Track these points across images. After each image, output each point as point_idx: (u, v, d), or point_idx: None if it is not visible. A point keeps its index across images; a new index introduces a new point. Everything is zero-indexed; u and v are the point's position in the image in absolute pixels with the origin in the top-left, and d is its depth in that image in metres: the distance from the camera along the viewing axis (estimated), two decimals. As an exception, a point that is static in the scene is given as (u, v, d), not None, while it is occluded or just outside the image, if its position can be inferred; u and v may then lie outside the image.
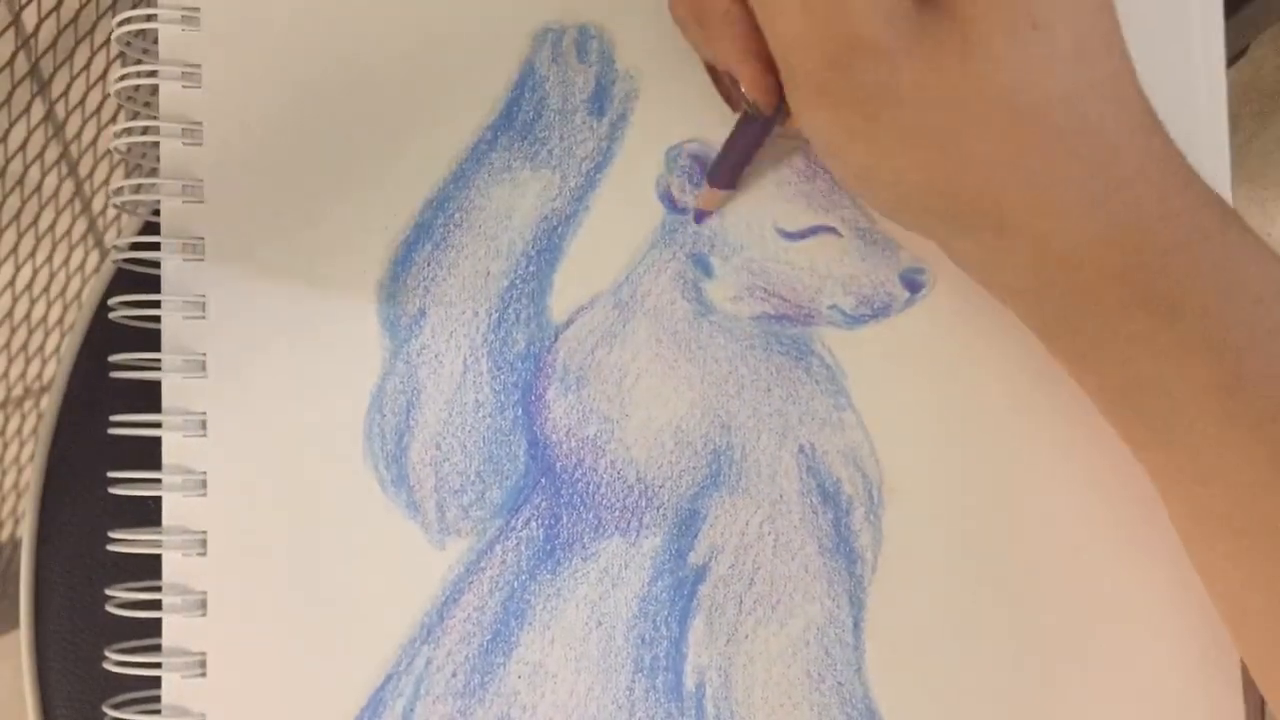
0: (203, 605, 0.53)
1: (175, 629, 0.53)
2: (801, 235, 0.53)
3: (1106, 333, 0.45)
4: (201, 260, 0.54)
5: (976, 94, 0.42)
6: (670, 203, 0.53)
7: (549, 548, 0.53)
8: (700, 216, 0.53)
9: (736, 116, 0.50)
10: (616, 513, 0.53)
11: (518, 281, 0.53)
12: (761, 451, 0.53)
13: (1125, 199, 0.43)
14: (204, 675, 0.53)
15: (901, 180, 0.45)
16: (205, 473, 0.53)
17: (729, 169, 0.52)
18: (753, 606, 0.52)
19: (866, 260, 0.53)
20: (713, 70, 0.51)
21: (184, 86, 0.54)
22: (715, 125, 0.53)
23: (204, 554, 0.53)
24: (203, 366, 0.53)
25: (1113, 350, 0.46)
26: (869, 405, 0.53)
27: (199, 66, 0.54)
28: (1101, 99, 0.43)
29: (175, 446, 0.53)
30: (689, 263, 0.53)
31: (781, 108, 0.47)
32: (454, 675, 0.52)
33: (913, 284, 0.53)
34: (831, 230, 0.53)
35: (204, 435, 0.53)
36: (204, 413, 0.53)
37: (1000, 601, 0.52)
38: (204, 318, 0.53)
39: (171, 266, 0.54)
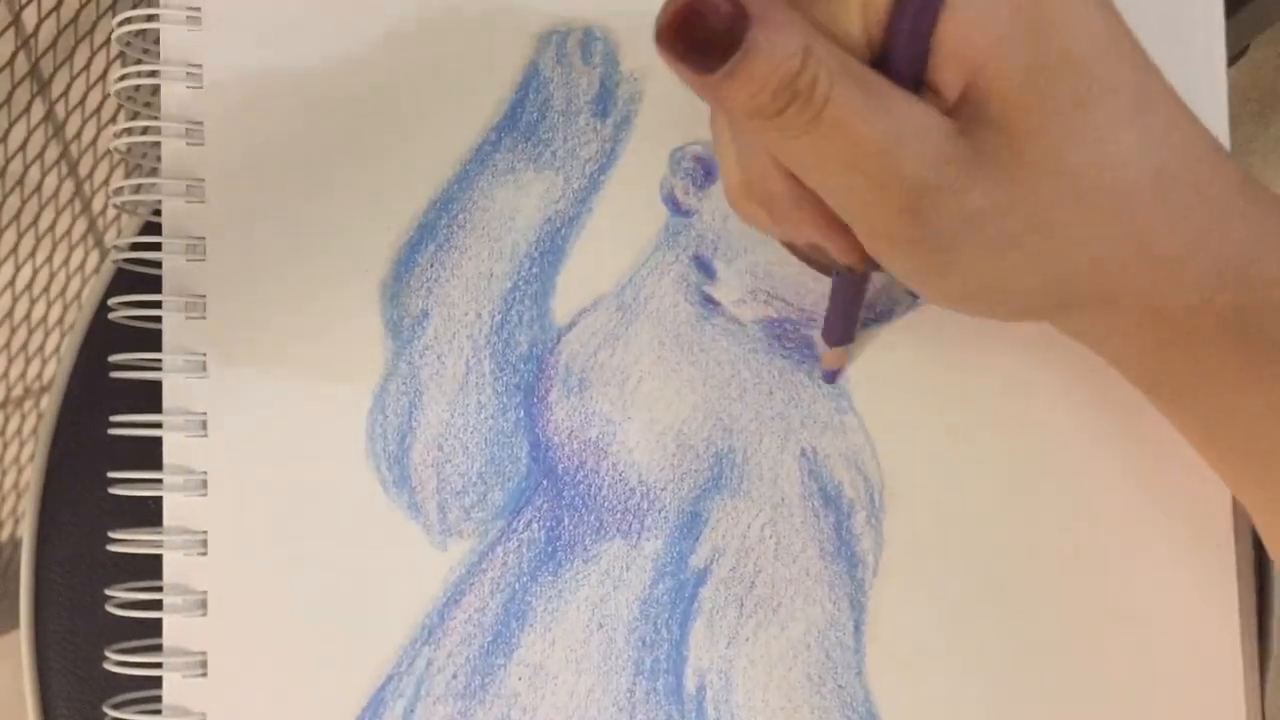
0: (203, 605, 0.53)
1: (176, 629, 0.53)
2: (805, 238, 0.53)
3: (1221, 377, 0.45)
4: (203, 260, 0.54)
5: (1047, 189, 0.41)
6: (674, 205, 0.53)
7: (550, 549, 0.53)
8: (831, 377, 0.53)
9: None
10: (618, 515, 0.53)
11: (521, 283, 0.53)
12: (763, 455, 0.53)
13: (1225, 239, 0.42)
14: (204, 675, 0.53)
15: (1002, 289, 0.44)
16: (206, 473, 0.53)
17: (842, 325, 0.51)
18: (754, 609, 0.52)
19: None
20: (789, 245, 0.49)
21: (186, 86, 0.54)
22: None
23: (205, 554, 0.53)
24: (203, 367, 0.53)
25: (1225, 394, 0.45)
26: (871, 409, 0.53)
27: (201, 66, 0.54)
28: (1171, 146, 0.42)
29: (176, 447, 0.53)
30: (692, 266, 0.53)
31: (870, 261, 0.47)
32: (454, 676, 0.52)
33: (915, 288, 0.53)
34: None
35: (205, 435, 0.53)
36: (205, 413, 0.53)
37: (1001, 605, 0.52)
38: (204, 318, 0.53)
39: (172, 266, 0.54)
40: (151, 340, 0.54)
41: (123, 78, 0.54)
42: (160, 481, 0.53)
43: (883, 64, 0.41)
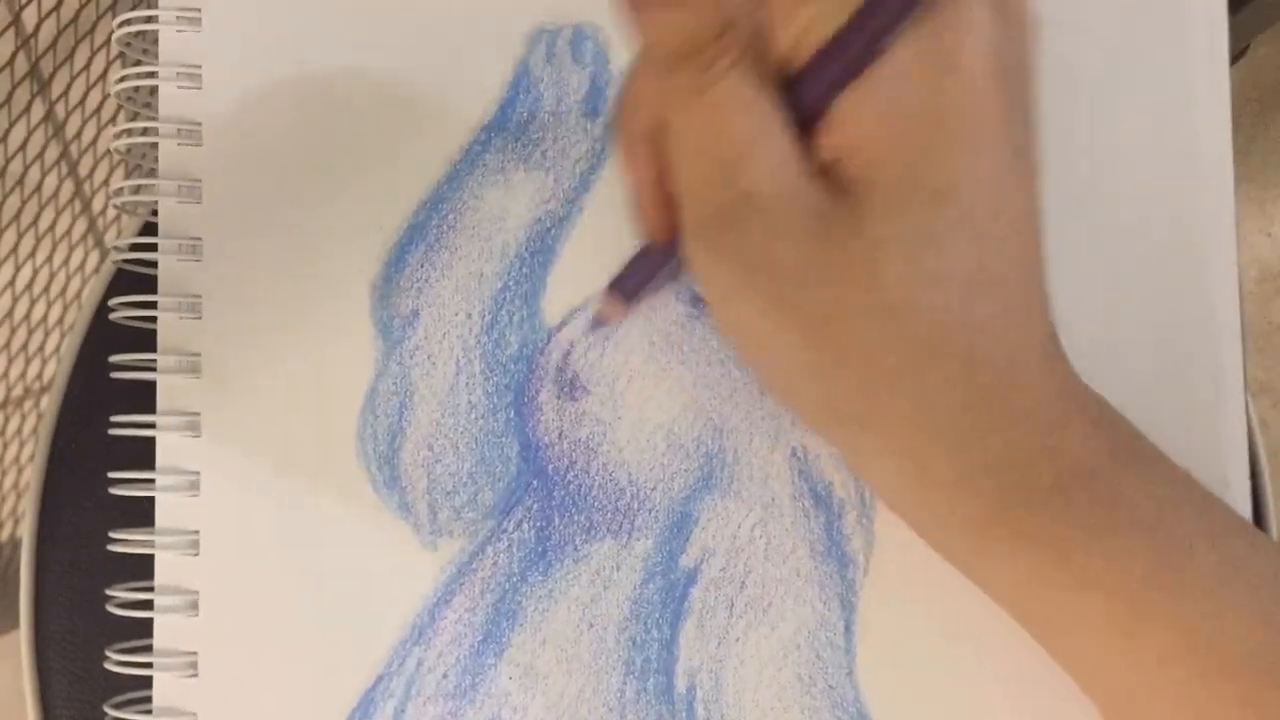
0: (195, 605, 0.53)
1: (167, 629, 0.53)
2: (795, 238, 0.53)
3: (1004, 567, 0.45)
4: (198, 261, 0.54)
5: (859, 290, 0.40)
6: (664, 205, 0.53)
7: (541, 549, 0.53)
8: (598, 325, 0.53)
9: None
10: (608, 515, 0.53)
11: (511, 283, 0.53)
12: (754, 454, 0.53)
13: (1010, 436, 0.42)
14: (195, 675, 0.53)
15: (773, 353, 0.44)
16: (198, 473, 0.53)
17: (633, 285, 0.51)
18: (744, 609, 0.52)
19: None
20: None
21: (183, 87, 0.54)
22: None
23: (196, 554, 0.53)
24: (197, 367, 0.53)
25: (1014, 584, 0.45)
26: (862, 409, 0.53)
27: (199, 68, 0.54)
28: (1000, 330, 0.41)
29: (169, 447, 0.53)
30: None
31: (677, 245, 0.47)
32: (445, 676, 0.52)
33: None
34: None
35: (197, 435, 0.53)
36: (198, 413, 0.53)
37: (992, 605, 0.52)
38: (200, 318, 0.54)
39: (168, 267, 0.54)
40: (152, 340, 0.54)
41: (123, 78, 0.54)
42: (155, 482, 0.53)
43: (787, 91, 0.41)
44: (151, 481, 0.53)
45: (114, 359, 0.53)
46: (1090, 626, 0.43)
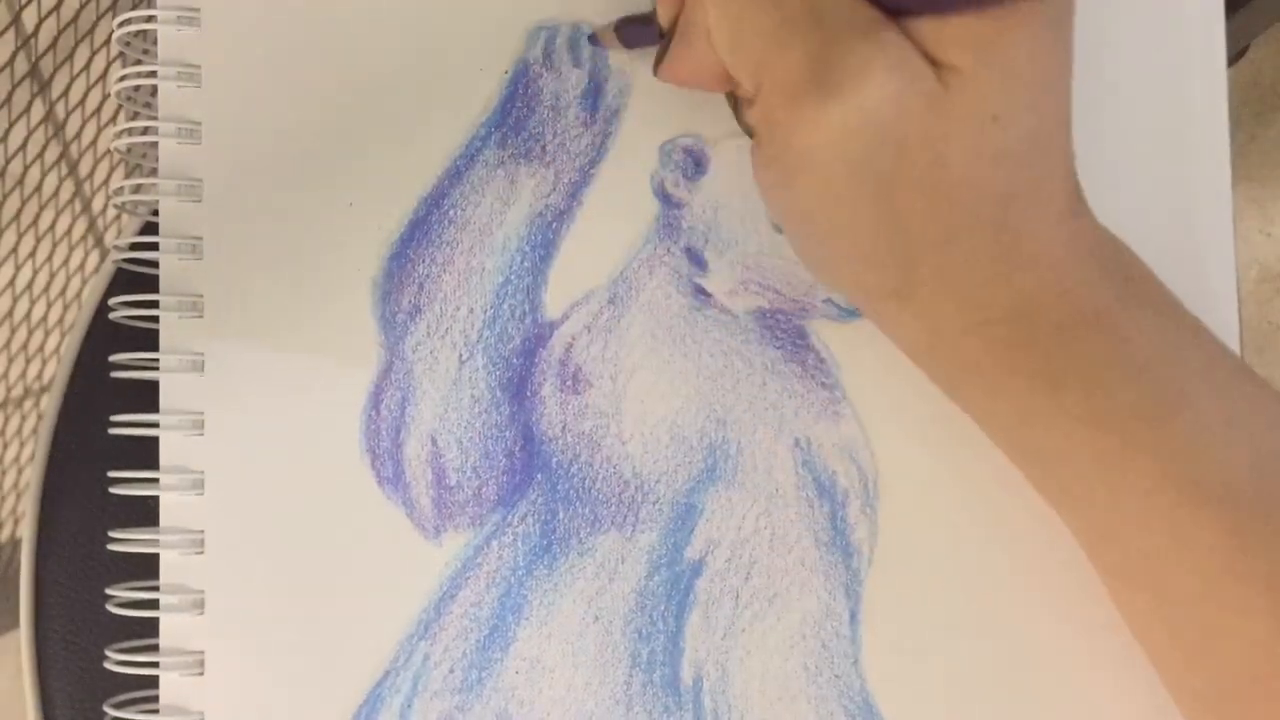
0: (200, 604, 0.53)
1: (173, 628, 0.53)
2: (796, 229, 0.53)
3: (999, 404, 0.46)
4: (199, 260, 0.54)
5: (923, 168, 0.41)
6: (664, 198, 0.53)
7: (545, 543, 0.53)
8: (594, 39, 0.54)
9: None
10: (612, 508, 0.53)
11: (512, 278, 0.53)
12: (757, 445, 0.53)
13: (1021, 283, 0.43)
14: (201, 674, 0.53)
15: (825, 230, 0.44)
16: (202, 472, 0.53)
17: (632, 38, 0.53)
18: (749, 600, 0.52)
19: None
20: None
21: (182, 86, 0.54)
22: (708, 121, 0.53)
23: (201, 553, 0.53)
24: (200, 366, 0.53)
25: (1007, 420, 0.46)
26: (864, 398, 0.53)
27: (198, 66, 0.54)
28: (1030, 198, 0.43)
29: (172, 446, 0.53)
30: (683, 257, 0.53)
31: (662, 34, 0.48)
32: (451, 671, 0.52)
33: (907, 277, 0.53)
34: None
35: (201, 434, 0.53)
36: (201, 412, 0.53)
37: (997, 592, 0.52)
38: (201, 317, 0.54)
39: (169, 266, 0.54)
40: (152, 340, 0.54)
41: (123, 78, 0.54)
42: (159, 481, 0.53)
43: None
44: (153, 481, 0.53)
45: (114, 359, 0.53)
46: (1079, 459, 0.44)
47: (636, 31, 0.52)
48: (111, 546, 0.53)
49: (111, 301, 0.54)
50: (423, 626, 0.53)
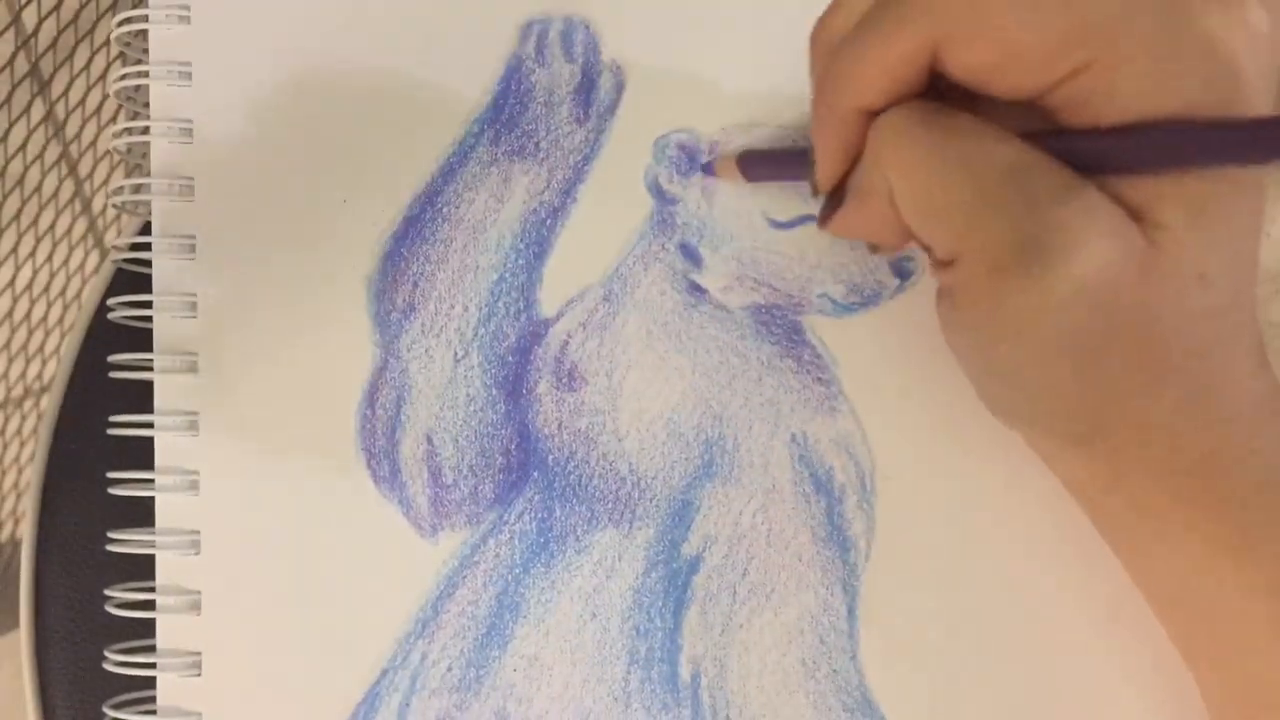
0: (197, 605, 0.53)
1: (170, 629, 0.53)
2: (791, 224, 0.53)
3: (1171, 556, 0.44)
4: (193, 259, 0.54)
5: (1134, 319, 0.40)
6: (659, 193, 0.53)
7: (542, 541, 0.53)
8: (709, 169, 0.53)
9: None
10: (609, 505, 0.53)
11: (507, 275, 0.53)
12: (754, 441, 0.53)
13: (1217, 434, 0.42)
14: (199, 675, 0.53)
15: (1024, 377, 0.43)
16: (197, 472, 0.53)
17: (761, 172, 0.52)
18: (747, 596, 0.52)
19: (856, 248, 0.53)
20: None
21: (174, 85, 0.54)
22: (702, 115, 0.53)
23: (197, 553, 0.53)
24: (194, 366, 0.53)
25: (1175, 572, 0.45)
26: (860, 393, 0.53)
27: (189, 64, 0.54)
28: (1226, 354, 0.41)
29: (168, 446, 0.53)
30: (678, 253, 0.53)
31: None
32: (449, 669, 0.52)
33: (902, 271, 0.53)
34: (821, 219, 0.53)
35: (196, 434, 0.53)
36: (196, 412, 0.53)
37: (994, 586, 0.52)
38: (195, 316, 0.54)
39: (163, 265, 0.54)
40: (151, 340, 0.54)
41: (122, 78, 0.54)
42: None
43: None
44: (151, 481, 0.53)
45: (113, 359, 0.54)
46: (1250, 624, 0.43)
47: (765, 166, 0.52)
48: (114, 547, 0.53)
49: (110, 302, 0.54)
50: (420, 625, 0.52)
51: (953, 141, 0.41)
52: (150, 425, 0.53)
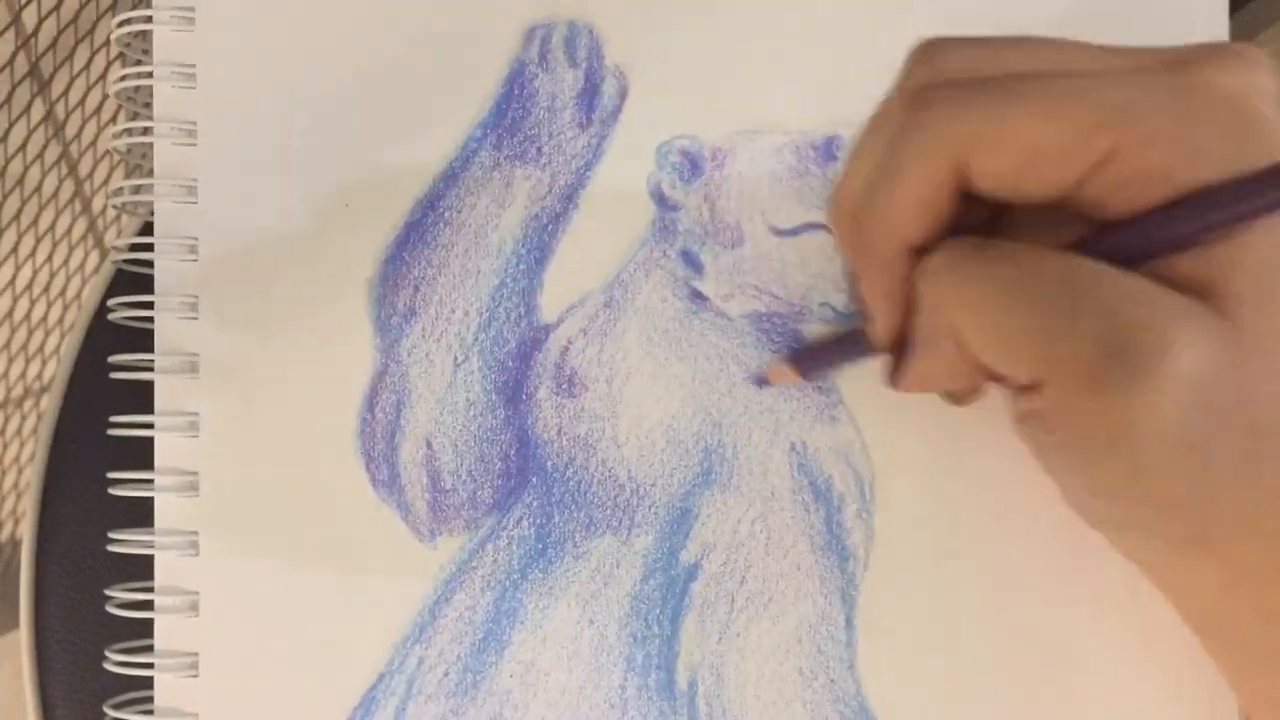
0: (195, 606, 0.53)
1: (168, 629, 0.53)
2: (793, 232, 0.53)
3: None
4: (195, 261, 0.54)
5: (1235, 402, 0.38)
6: (661, 200, 0.53)
7: (540, 546, 0.53)
8: (761, 382, 0.53)
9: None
10: (608, 511, 0.53)
11: (508, 280, 0.53)
12: (753, 449, 0.53)
13: None
14: (196, 675, 0.53)
15: (1131, 485, 0.41)
16: (197, 473, 0.53)
17: (818, 367, 0.52)
18: (745, 604, 0.52)
19: (861, 263, 0.53)
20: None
21: (178, 87, 0.54)
22: (705, 121, 0.53)
23: (196, 554, 0.53)
24: (195, 367, 0.53)
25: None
26: (860, 402, 0.53)
27: (193, 66, 0.54)
28: None
29: (168, 447, 0.53)
30: (680, 260, 0.53)
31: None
32: (446, 674, 0.52)
33: (904, 281, 0.53)
34: (823, 228, 0.53)
35: (196, 436, 0.53)
36: (196, 413, 0.53)
37: (993, 597, 0.52)
38: (196, 318, 0.54)
39: (165, 267, 0.54)
40: (151, 341, 0.54)
41: (122, 78, 0.54)
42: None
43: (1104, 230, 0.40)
44: (151, 482, 0.53)
45: (113, 359, 0.53)
46: None
47: (819, 358, 0.52)
48: (114, 548, 0.53)
49: (110, 302, 0.54)
50: (417, 630, 0.52)
51: (1008, 267, 0.40)
52: (150, 426, 0.53)
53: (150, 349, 0.54)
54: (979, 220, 0.43)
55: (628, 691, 0.52)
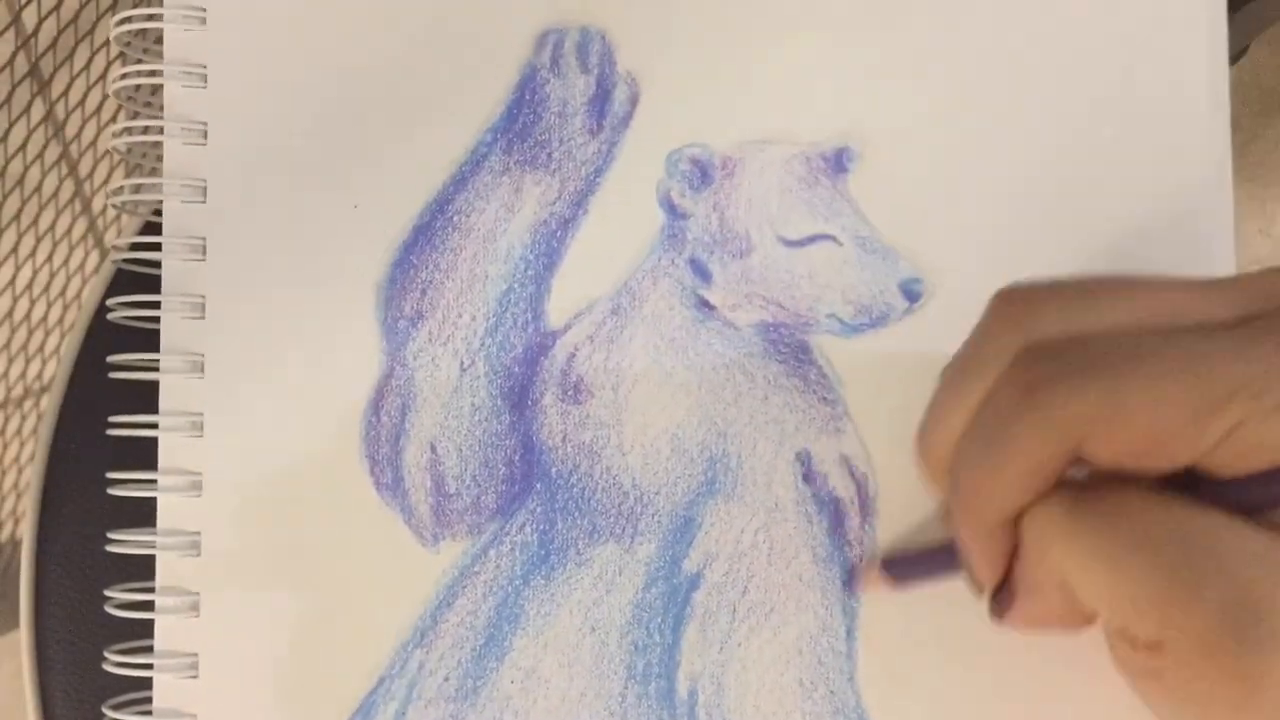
0: (196, 606, 0.53)
1: (168, 630, 0.53)
2: (801, 243, 0.53)
3: None
4: (202, 261, 0.54)
5: None
6: (670, 208, 0.53)
7: (543, 553, 0.52)
8: (851, 588, 0.52)
9: None
10: (611, 519, 0.53)
11: (515, 286, 0.53)
12: (757, 459, 0.53)
13: None
14: (196, 677, 0.53)
15: None
16: (200, 474, 0.53)
17: (910, 572, 0.51)
18: (746, 614, 0.52)
19: (866, 269, 0.53)
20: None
21: (188, 86, 0.54)
22: (716, 130, 0.53)
23: (197, 555, 0.53)
24: (200, 367, 0.53)
25: None
26: (865, 414, 0.53)
27: (204, 66, 0.54)
28: None
29: (172, 447, 0.53)
30: (688, 269, 0.53)
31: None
32: (446, 679, 0.52)
33: (911, 294, 0.53)
34: (831, 239, 0.53)
35: (200, 436, 0.53)
36: (201, 413, 0.53)
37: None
38: (203, 318, 0.53)
39: (172, 267, 0.54)
40: (151, 340, 0.54)
41: (122, 77, 0.54)
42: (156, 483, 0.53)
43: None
44: (152, 482, 0.53)
45: (113, 359, 0.53)
46: None
47: (913, 569, 0.51)
48: (113, 548, 0.53)
49: (110, 302, 0.54)
50: (419, 634, 0.52)
51: (1121, 525, 0.39)
52: (151, 425, 0.53)
53: (150, 349, 0.53)
54: None
55: (628, 700, 0.52)
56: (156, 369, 0.53)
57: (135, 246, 0.54)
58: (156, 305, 0.53)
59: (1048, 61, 0.54)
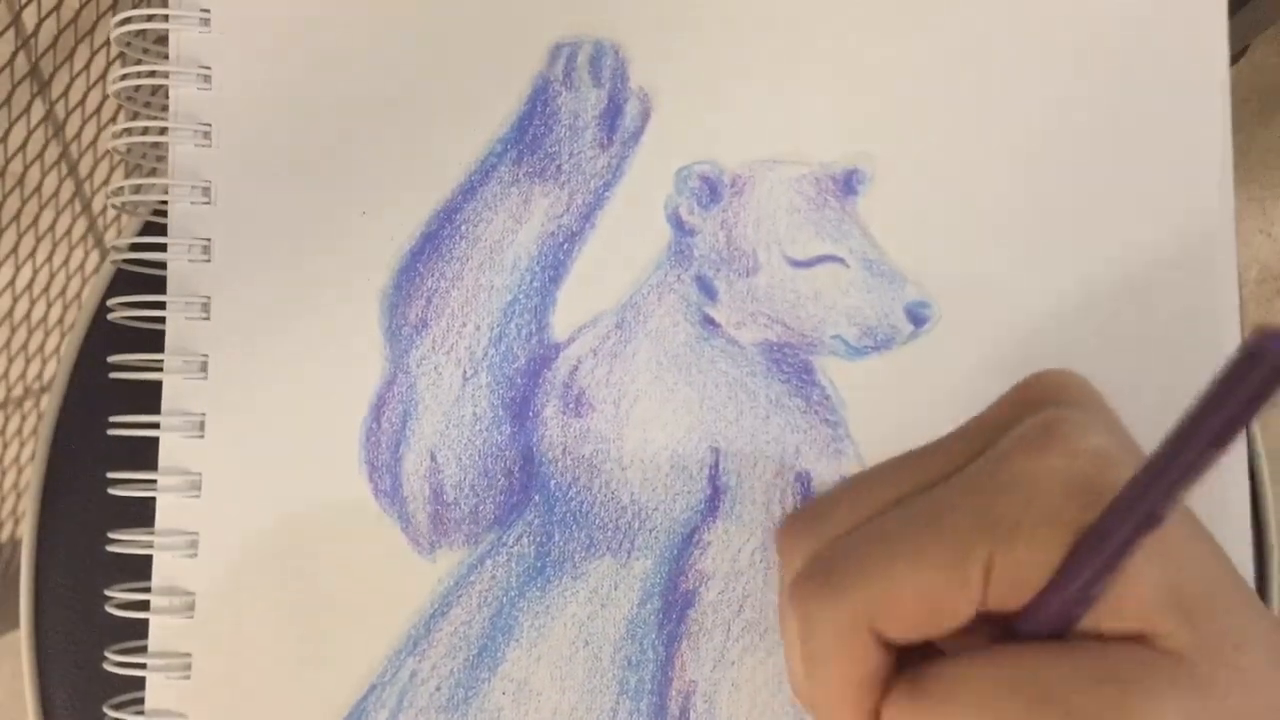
0: (191, 607, 0.53)
1: (163, 630, 0.53)
2: (808, 264, 0.53)
3: None
4: (207, 262, 0.54)
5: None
6: (678, 224, 0.53)
7: (539, 565, 0.52)
8: None
9: None
10: (609, 533, 0.52)
11: (521, 297, 0.53)
12: (757, 479, 0.53)
13: None
14: (188, 678, 0.52)
15: None
16: (200, 474, 0.53)
17: None
18: (740, 634, 0.52)
19: (872, 292, 0.53)
20: None
21: (195, 89, 0.54)
22: (726, 148, 0.53)
23: (195, 555, 0.53)
24: (204, 368, 0.53)
25: None
26: (867, 437, 0.53)
27: (210, 68, 0.54)
28: None
29: (173, 447, 0.53)
30: (693, 286, 0.53)
31: None
32: (438, 689, 0.52)
33: (917, 318, 0.53)
34: (839, 260, 0.53)
35: (201, 437, 0.53)
36: (203, 414, 0.53)
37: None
38: (207, 319, 0.53)
39: (177, 268, 0.54)
40: (151, 341, 0.54)
41: (123, 77, 0.54)
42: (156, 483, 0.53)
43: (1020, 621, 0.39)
44: (152, 482, 0.53)
45: (114, 359, 0.53)
46: None
47: None
48: (113, 548, 0.53)
49: (110, 302, 0.54)
50: (412, 642, 0.52)
51: (961, 697, 0.39)
52: (152, 426, 0.53)
53: (150, 349, 0.53)
54: None
55: (619, 715, 0.52)
56: (158, 369, 0.53)
57: (135, 247, 0.54)
58: (157, 305, 0.53)
59: (1046, 63, 0.54)
